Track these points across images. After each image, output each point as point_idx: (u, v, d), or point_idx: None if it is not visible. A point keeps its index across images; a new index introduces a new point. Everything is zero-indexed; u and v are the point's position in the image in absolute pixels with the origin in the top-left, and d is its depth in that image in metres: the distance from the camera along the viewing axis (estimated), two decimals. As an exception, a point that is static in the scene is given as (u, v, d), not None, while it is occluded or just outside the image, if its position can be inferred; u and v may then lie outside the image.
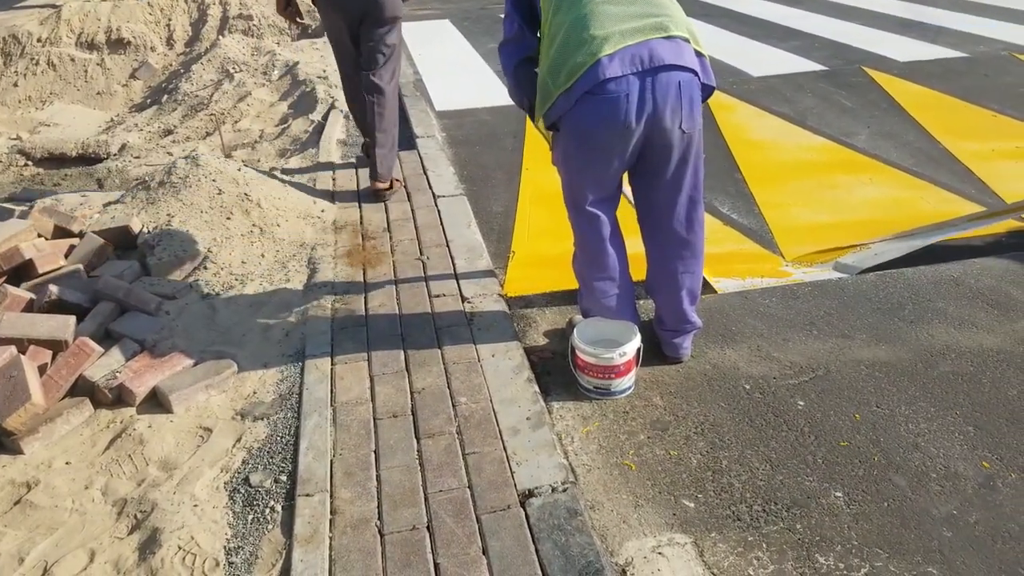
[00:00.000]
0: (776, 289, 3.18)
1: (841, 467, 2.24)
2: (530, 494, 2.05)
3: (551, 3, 2.31)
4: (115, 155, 5.49)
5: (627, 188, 2.55)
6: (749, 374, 2.67)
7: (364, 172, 4.24)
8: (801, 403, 2.51)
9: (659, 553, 1.97)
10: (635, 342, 2.52)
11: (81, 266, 3.08)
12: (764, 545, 1.99)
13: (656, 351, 2.74)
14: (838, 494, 2.15)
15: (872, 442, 2.33)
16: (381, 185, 3.89)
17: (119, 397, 2.49)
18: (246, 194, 3.58)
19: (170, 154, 5.22)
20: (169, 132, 5.91)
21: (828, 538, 2.01)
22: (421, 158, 4.53)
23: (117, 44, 7.64)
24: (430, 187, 4.10)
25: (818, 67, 6.42)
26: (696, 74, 2.25)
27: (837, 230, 3.65)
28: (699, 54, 2.29)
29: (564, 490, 2.07)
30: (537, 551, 1.88)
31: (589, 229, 2.48)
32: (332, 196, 4.00)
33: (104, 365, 2.56)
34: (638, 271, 2.67)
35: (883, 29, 7.67)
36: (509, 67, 2.50)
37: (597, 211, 2.45)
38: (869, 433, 2.37)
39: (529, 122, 2.51)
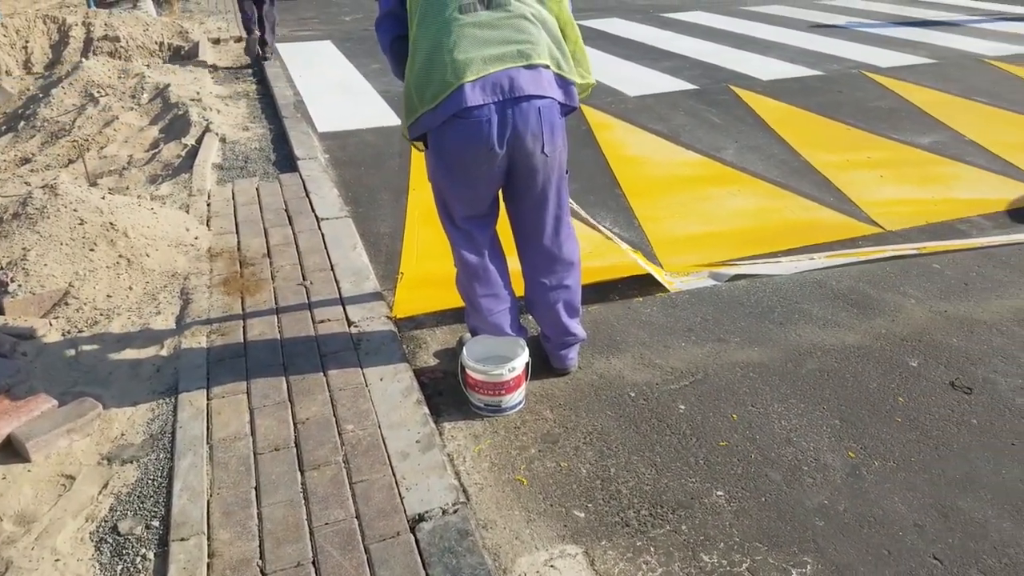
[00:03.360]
0: (657, 298, 3.29)
1: (721, 466, 2.33)
2: (420, 519, 2.02)
3: (415, 9, 2.28)
4: (-35, 187, 5.08)
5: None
6: (634, 382, 2.74)
7: (241, 196, 4.14)
8: (682, 407, 2.60)
9: (551, 566, 1.98)
10: (523, 357, 2.54)
11: (-77, 308, 2.83)
12: (652, 549, 2.04)
13: (545, 364, 2.78)
14: (719, 493, 2.23)
15: (749, 440, 2.44)
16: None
17: (-31, 448, 2.29)
18: (111, 223, 3.39)
19: (28, 184, 4.88)
20: (27, 160, 5.53)
21: (711, 537, 2.08)
22: (303, 180, 4.44)
23: (-35, 68, 7.12)
24: (313, 210, 4.02)
25: (689, 86, 6.72)
26: (555, 100, 2.28)
27: (710, 240, 3.81)
28: (564, 79, 2.32)
29: (455, 512, 2.05)
30: (428, 576, 1.86)
31: (465, 245, 2.50)
32: (207, 222, 3.85)
33: (-49, 414, 2.35)
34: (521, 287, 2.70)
35: (747, 50, 8.13)
36: (386, 43, 2.48)
37: (471, 228, 2.48)
38: (746, 432, 2.48)
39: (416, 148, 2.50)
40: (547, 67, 2.26)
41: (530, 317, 2.88)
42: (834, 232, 3.87)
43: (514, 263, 2.65)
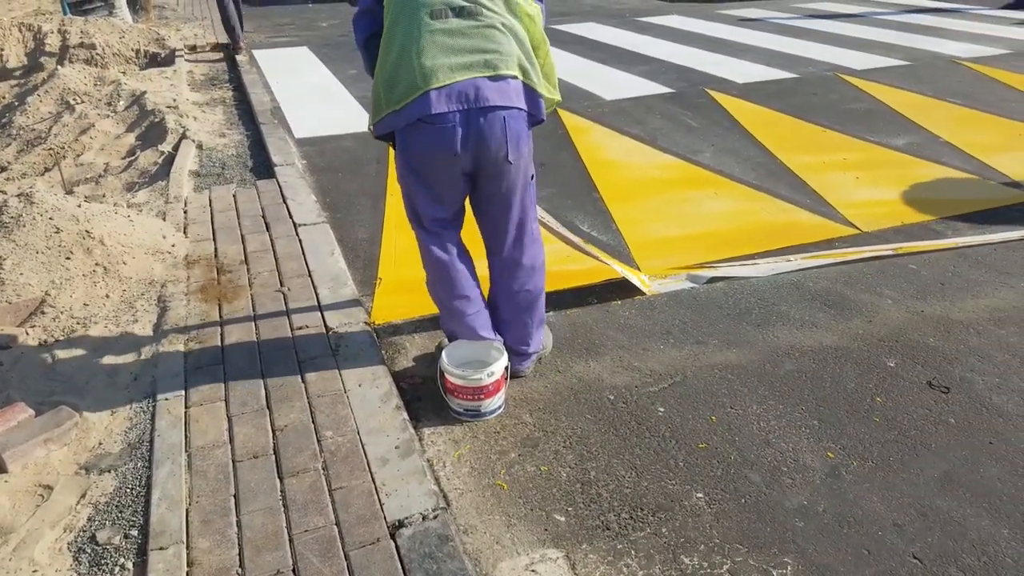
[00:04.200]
0: (635, 301, 3.30)
1: (701, 468, 2.34)
2: (400, 525, 2.02)
3: (390, 9, 2.30)
4: (-63, 196, 5.01)
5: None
6: (613, 385, 2.74)
7: (218, 203, 4.13)
8: (661, 409, 2.61)
9: (532, 571, 1.98)
10: (503, 361, 2.54)
11: None
12: (633, 552, 2.04)
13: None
14: (699, 495, 2.23)
15: (728, 442, 2.45)
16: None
17: (-58, 461, 2.25)
18: (87, 231, 3.35)
19: (3, 192, 4.82)
20: (3, 169, 5.46)
21: (692, 539, 2.08)
22: (280, 186, 4.41)
23: (-63, 76, 7.02)
24: (290, 216, 4.00)
25: (665, 90, 6.76)
26: (521, 110, 2.29)
27: (688, 242, 3.83)
28: (533, 91, 2.32)
29: (435, 517, 2.05)
30: (409, 582, 1.85)
31: (433, 247, 2.52)
32: (184, 229, 3.81)
33: (-78, 427, 2.32)
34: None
35: (722, 53, 8.19)
36: (360, 40, 2.49)
37: (439, 230, 2.50)
38: (725, 434, 2.49)
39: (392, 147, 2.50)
40: (515, 77, 2.26)
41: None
42: (811, 233, 3.90)
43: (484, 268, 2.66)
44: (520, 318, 2.65)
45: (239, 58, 8.00)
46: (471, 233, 2.60)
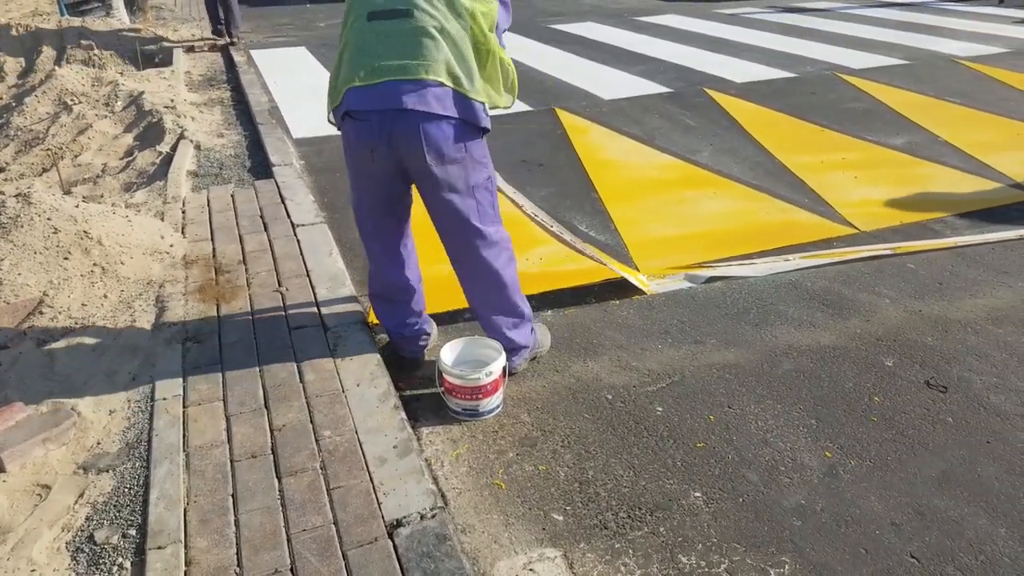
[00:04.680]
0: (633, 301, 3.30)
1: (699, 468, 2.34)
2: (398, 524, 2.02)
3: (346, 8, 2.38)
4: (-65, 196, 5.00)
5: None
6: (611, 384, 2.74)
7: (216, 203, 4.12)
8: (659, 409, 2.61)
9: (530, 570, 1.98)
10: (501, 360, 2.54)
11: None
12: (631, 551, 2.04)
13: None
14: (697, 494, 2.24)
15: (726, 441, 2.45)
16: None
17: (-60, 461, 2.25)
18: (85, 232, 3.35)
19: (1, 193, 4.81)
20: (1, 170, 5.46)
21: (689, 538, 2.08)
22: (278, 187, 4.41)
23: (-65, 77, 7.02)
24: (288, 216, 4.00)
25: (664, 89, 6.77)
26: (446, 117, 2.26)
27: (686, 242, 3.84)
28: (464, 97, 2.28)
29: (433, 516, 2.05)
30: (406, 581, 1.85)
31: (368, 241, 2.64)
32: (182, 229, 3.81)
33: (-80, 427, 2.31)
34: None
35: (721, 53, 8.20)
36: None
37: (376, 221, 2.57)
38: (723, 433, 2.49)
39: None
40: (440, 84, 2.24)
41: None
42: (809, 233, 3.91)
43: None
44: (490, 318, 2.66)
45: (235, 57, 7.99)
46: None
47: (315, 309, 3.08)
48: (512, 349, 2.70)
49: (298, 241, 3.70)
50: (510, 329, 2.68)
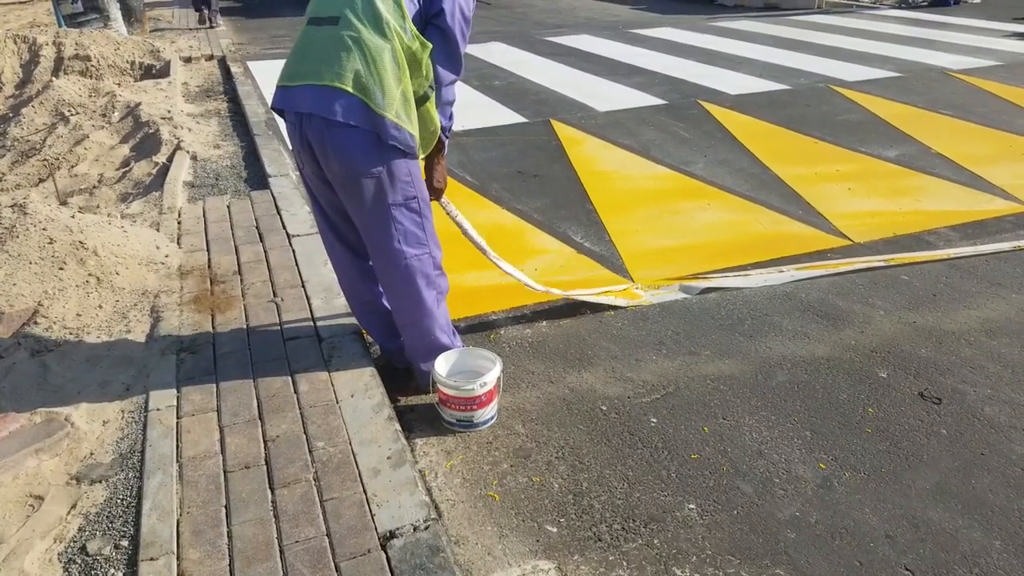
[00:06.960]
0: (628, 312, 3.31)
1: (693, 479, 2.34)
2: (391, 535, 2.01)
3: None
4: (-70, 206, 5.00)
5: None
6: (605, 395, 2.74)
7: (212, 214, 4.13)
8: (654, 420, 2.61)
9: (524, 582, 1.98)
10: (495, 371, 2.54)
11: None
12: (624, 563, 2.04)
13: (511, 379, 2.78)
14: (691, 506, 2.23)
15: (720, 453, 2.45)
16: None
17: (-69, 472, 2.24)
18: (81, 242, 3.35)
19: (-4, 203, 4.82)
20: (-4, 180, 5.46)
21: (684, 550, 2.08)
22: (274, 197, 4.42)
23: (-67, 87, 7.02)
24: (284, 227, 4.00)
25: (658, 101, 6.80)
26: (351, 127, 2.21)
27: (681, 253, 3.85)
28: (373, 112, 2.21)
29: (426, 528, 2.04)
30: (400, 593, 1.84)
31: (331, 251, 2.66)
32: (178, 240, 3.81)
33: (-88, 438, 2.31)
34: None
35: (715, 65, 8.24)
36: None
37: (336, 237, 2.58)
38: (717, 444, 2.49)
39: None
40: (348, 93, 2.19)
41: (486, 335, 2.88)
42: (803, 244, 3.92)
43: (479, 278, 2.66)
44: (407, 338, 2.67)
45: (232, 68, 8.01)
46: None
47: (310, 320, 3.07)
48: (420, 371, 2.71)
49: (293, 252, 3.70)
50: (418, 359, 2.67)
